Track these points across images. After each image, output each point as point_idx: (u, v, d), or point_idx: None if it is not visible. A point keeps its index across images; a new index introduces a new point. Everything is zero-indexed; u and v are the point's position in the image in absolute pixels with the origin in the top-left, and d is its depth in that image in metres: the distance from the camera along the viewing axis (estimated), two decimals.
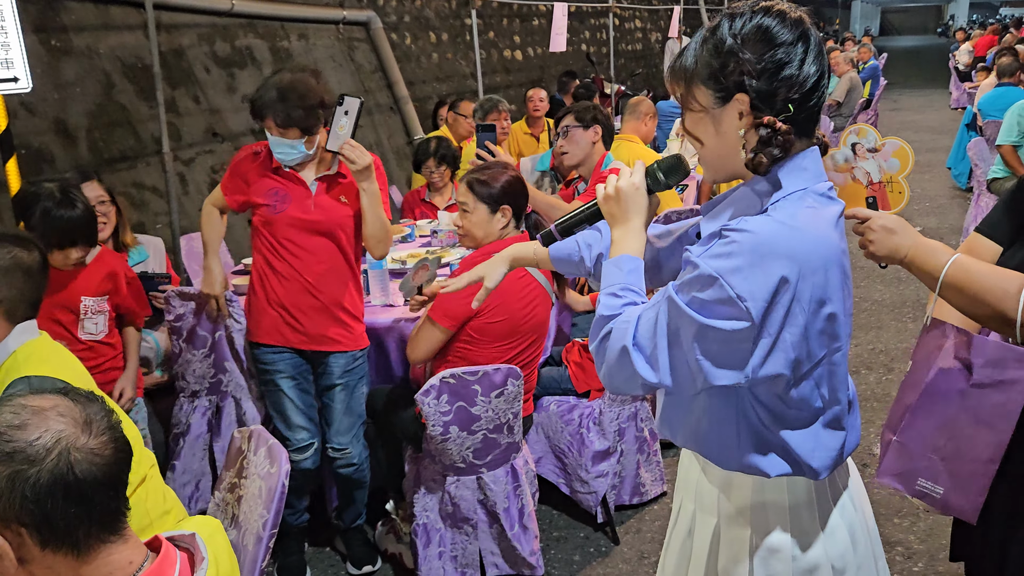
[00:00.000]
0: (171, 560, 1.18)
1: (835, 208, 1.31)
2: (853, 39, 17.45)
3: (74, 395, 1.15)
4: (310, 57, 6.83)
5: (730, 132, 1.28)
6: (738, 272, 1.20)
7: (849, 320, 1.32)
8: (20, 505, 1.04)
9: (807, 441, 1.32)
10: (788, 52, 1.24)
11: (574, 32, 10.99)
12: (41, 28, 4.62)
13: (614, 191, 1.42)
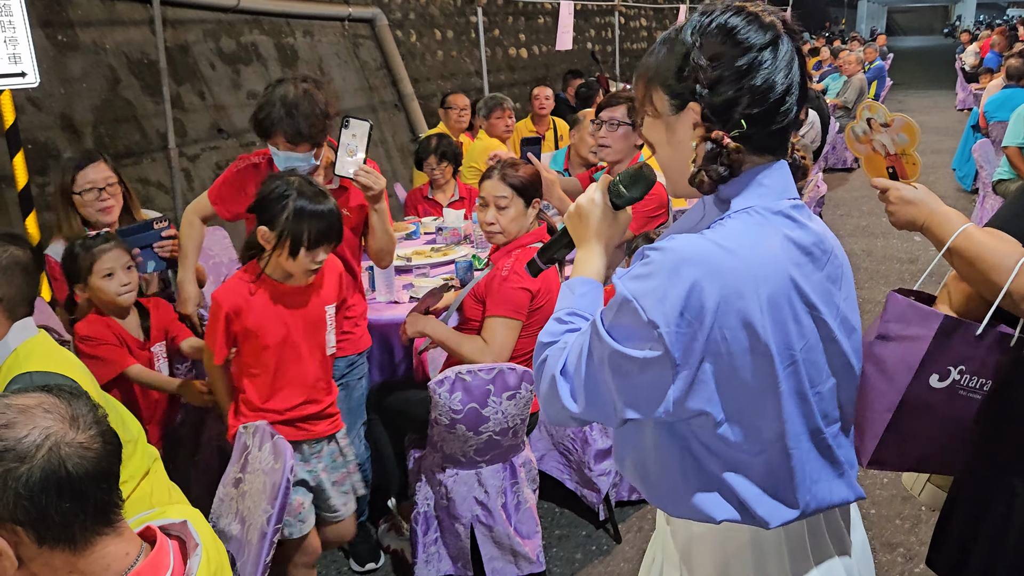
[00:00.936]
0: (165, 550, 1.19)
1: (789, 227, 1.16)
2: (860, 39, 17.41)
3: (58, 392, 1.15)
4: (315, 54, 6.84)
5: (684, 142, 1.18)
6: (652, 294, 1.10)
7: (814, 355, 1.17)
8: (15, 503, 1.04)
9: (751, 482, 1.18)
10: (750, 59, 1.12)
11: (579, 30, 10.98)
12: (48, 23, 4.63)
13: (575, 210, 1.35)
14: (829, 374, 1.21)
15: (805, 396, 1.17)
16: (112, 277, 2.49)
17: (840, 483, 1.24)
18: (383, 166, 7.31)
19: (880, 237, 6.94)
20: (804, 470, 1.19)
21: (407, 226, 4.10)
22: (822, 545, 1.26)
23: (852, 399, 1.28)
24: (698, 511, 1.20)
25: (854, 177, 9.54)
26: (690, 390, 1.11)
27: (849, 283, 1.27)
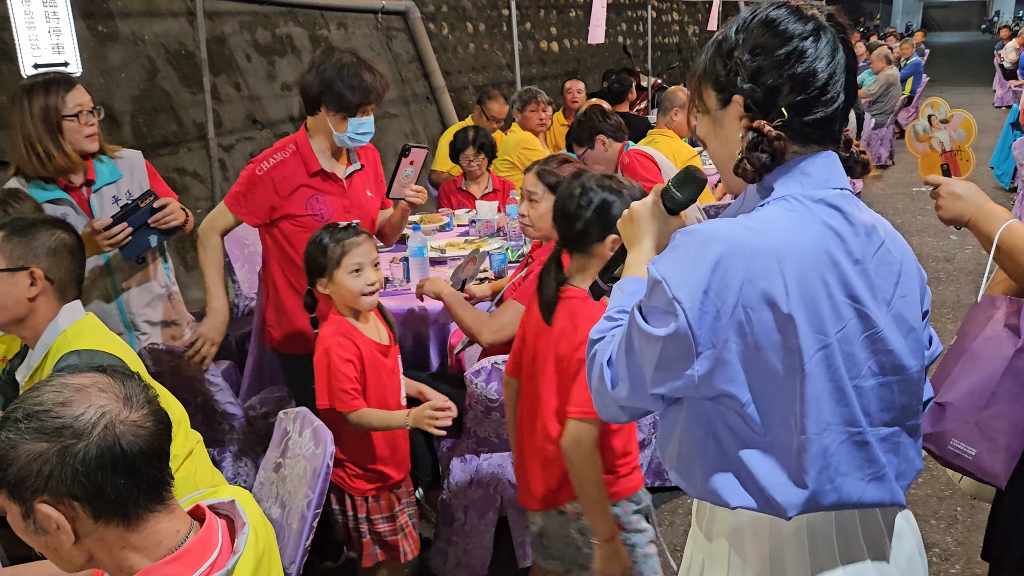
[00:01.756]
0: (215, 528, 1.21)
1: (829, 215, 1.16)
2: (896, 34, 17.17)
3: (111, 372, 1.17)
4: (348, 46, 6.88)
5: (730, 136, 1.21)
6: (679, 272, 1.12)
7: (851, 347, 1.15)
8: (72, 479, 1.07)
9: (773, 469, 1.17)
10: (790, 49, 1.15)
11: (611, 24, 10.93)
12: (89, 14, 4.70)
13: (628, 215, 1.39)
14: (874, 372, 1.18)
15: (840, 386, 1.15)
16: (360, 274, 2.23)
17: (875, 485, 1.20)
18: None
19: (915, 235, 6.85)
20: (828, 461, 1.16)
21: (441, 218, 4.11)
22: (853, 545, 1.23)
23: (913, 404, 1.24)
24: (715, 494, 1.20)
25: (888, 174, 9.43)
26: (715, 368, 1.12)
27: (911, 280, 1.23)
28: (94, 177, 2.56)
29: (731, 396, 1.14)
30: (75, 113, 2.43)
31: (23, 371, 1.92)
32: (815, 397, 1.14)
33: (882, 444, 1.21)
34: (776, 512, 1.17)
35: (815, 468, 1.15)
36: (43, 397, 1.11)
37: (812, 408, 1.14)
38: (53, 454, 1.06)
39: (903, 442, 1.24)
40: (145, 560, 1.13)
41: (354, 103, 2.49)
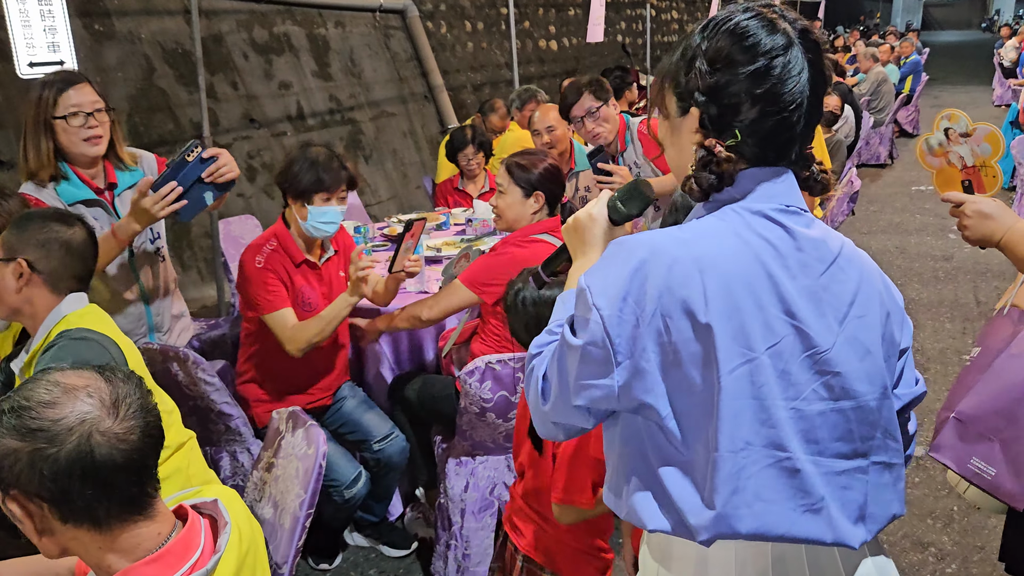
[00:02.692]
0: (196, 528, 1.19)
1: (766, 228, 1.11)
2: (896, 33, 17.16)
3: (110, 375, 1.15)
4: (346, 44, 6.87)
5: (686, 146, 1.15)
6: (601, 280, 1.09)
7: (787, 365, 1.09)
8: (39, 482, 1.06)
9: (689, 488, 1.10)
10: (747, 69, 1.08)
11: (610, 23, 10.93)
12: (85, 13, 4.70)
13: (573, 223, 1.34)
14: (821, 396, 1.10)
15: (766, 405, 1.08)
16: None
17: (810, 518, 1.10)
18: (412, 158, 7.34)
19: (913, 234, 6.84)
20: (743, 483, 1.08)
21: (437, 217, 4.11)
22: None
23: (878, 436, 1.15)
24: (635, 514, 1.14)
25: (887, 173, 9.42)
26: (633, 378, 1.08)
27: (870, 301, 1.16)
28: (115, 180, 2.50)
29: (651, 407, 1.09)
30: (66, 114, 2.31)
31: (19, 357, 1.93)
32: (733, 414, 1.07)
33: (831, 477, 1.11)
34: (688, 534, 1.10)
35: (727, 489, 1.07)
36: (33, 393, 1.10)
37: (727, 424, 1.07)
38: (24, 454, 1.06)
39: (872, 480, 1.14)
40: (124, 561, 1.12)
41: (309, 190, 2.51)
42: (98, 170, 2.46)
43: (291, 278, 2.60)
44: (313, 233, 2.58)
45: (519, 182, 2.63)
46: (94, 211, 2.45)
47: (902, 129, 11.54)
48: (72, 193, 2.39)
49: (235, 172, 2.39)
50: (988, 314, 4.98)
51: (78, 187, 2.40)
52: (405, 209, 6.72)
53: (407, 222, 2.56)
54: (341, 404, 2.77)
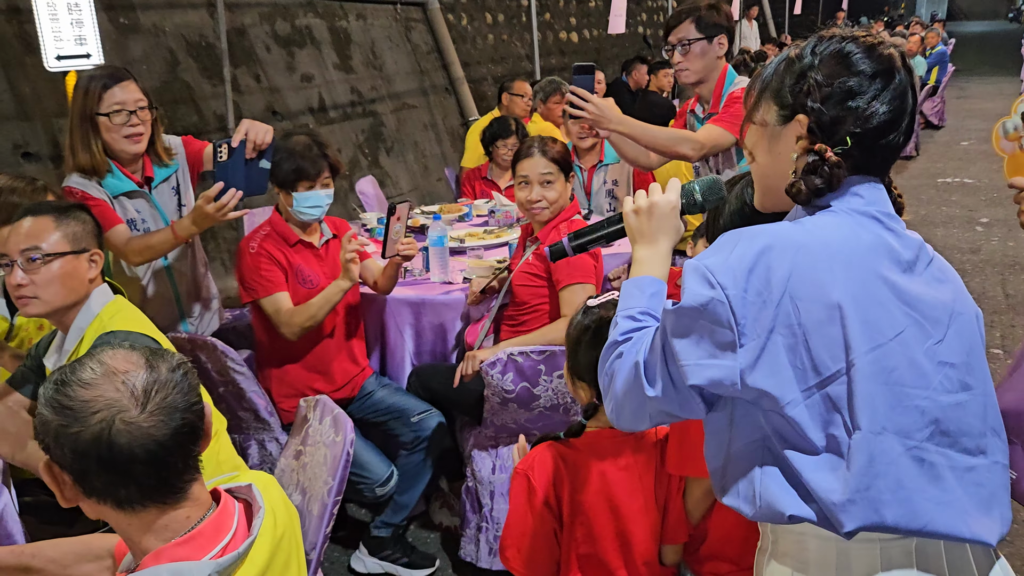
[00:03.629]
0: (230, 511, 1.20)
1: (877, 228, 1.16)
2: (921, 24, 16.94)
3: (155, 364, 1.14)
4: (367, 37, 6.88)
5: (784, 154, 1.21)
6: (723, 261, 1.10)
7: (913, 353, 1.11)
8: (62, 456, 1.10)
9: (826, 477, 1.10)
10: (861, 84, 1.16)
11: (631, 14, 10.87)
12: (110, 6, 4.73)
13: (647, 206, 1.33)
14: (947, 388, 1.12)
15: (897, 392, 1.09)
16: None
17: (948, 511, 1.10)
18: (433, 150, 7.34)
19: (940, 226, 6.76)
20: (886, 470, 1.08)
21: (460, 208, 4.11)
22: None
23: (988, 434, 1.16)
24: (770, 506, 1.12)
25: (913, 165, 9.32)
26: (758, 362, 1.08)
27: (966, 300, 1.21)
28: (152, 174, 2.57)
29: (771, 396, 1.09)
30: (110, 112, 2.36)
31: (53, 357, 1.94)
32: (868, 396, 1.08)
33: (961, 473, 1.13)
34: (831, 526, 1.09)
35: (869, 473, 1.08)
36: (81, 370, 1.12)
37: (865, 406, 1.08)
38: (53, 427, 1.09)
39: (996, 480, 1.16)
40: (154, 540, 1.13)
41: (290, 179, 2.59)
42: (138, 165, 2.52)
43: (287, 258, 2.67)
44: (301, 218, 2.66)
45: (563, 168, 2.67)
46: (136, 202, 2.53)
47: (928, 121, 11.40)
48: (116, 186, 2.46)
49: (267, 131, 2.39)
50: (1016, 307, 4.92)
51: (121, 180, 2.47)
52: (426, 200, 6.72)
53: (390, 205, 2.56)
54: (371, 394, 2.79)
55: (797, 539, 1.18)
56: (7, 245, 1.84)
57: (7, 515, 1.65)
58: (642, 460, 1.70)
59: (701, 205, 1.36)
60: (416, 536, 2.95)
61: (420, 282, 3.06)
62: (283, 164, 2.59)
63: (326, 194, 2.65)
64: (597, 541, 1.71)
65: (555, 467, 1.71)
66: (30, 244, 1.84)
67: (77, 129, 2.38)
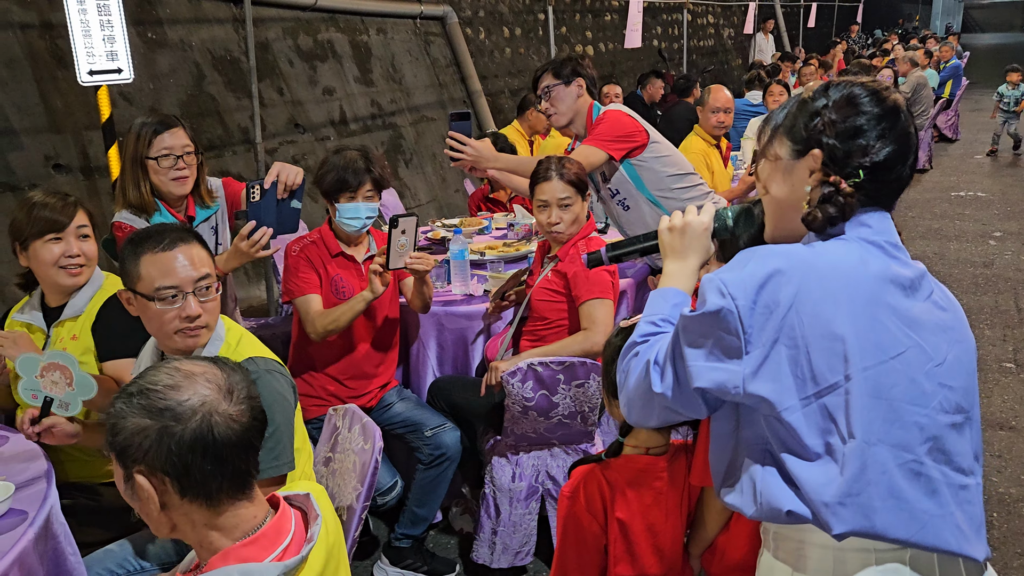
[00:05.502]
0: (288, 516, 1.28)
1: (880, 256, 1.24)
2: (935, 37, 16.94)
3: (222, 364, 1.26)
4: (388, 51, 6.99)
5: (798, 186, 1.30)
6: (736, 275, 1.20)
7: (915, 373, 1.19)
8: (165, 457, 1.17)
9: (819, 480, 1.17)
10: (869, 122, 1.26)
11: (646, 28, 10.95)
12: (139, 21, 4.85)
13: (681, 225, 1.44)
14: (945, 408, 1.21)
15: (895, 407, 1.17)
16: None
17: (941, 525, 1.18)
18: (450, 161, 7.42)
19: (953, 240, 6.78)
20: (879, 478, 1.16)
21: (480, 222, 4.18)
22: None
23: (974, 452, 1.25)
24: (770, 505, 1.20)
25: (927, 178, 9.33)
26: (760, 369, 1.17)
27: (964, 328, 1.29)
28: (194, 214, 2.70)
29: (770, 402, 1.17)
30: (158, 156, 2.52)
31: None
32: (865, 409, 1.16)
33: (956, 490, 1.21)
34: (824, 526, 1.17)
35: (862, 480, 1.16)
36: (157, 378, 1.21)
37: (861, 417, 1.16)
38: (153, 431, 1.17)
39: (979, 499, 1.25)
40: (225, 540, 1.21)
41: (332, 189, 2.71)
42: (183, 205, 2.67)
43: (325, 267, 2.77)
44: (345, 228, 2.75)
45: (580, 191, 2.74)
46: None
47: (941, 134, 11.40)
48: None
49: (298, 172, 2.57)
50: None
51: (166, 217, 2.62)
52: (444, 212, 6.81)
53: (392, 218, 2.60)
54: (390, 406, 2.85)
55: (796, 546, 1.27)
56: (175, 276, 1.76)
57: (54, 517, 1.72)
58: (677, 479, 1.78)
59: (732, 230, 1.45)
60: (436, 542, 3.02)
61: (441, 295, 3.14)
62: (327, 176, 2.71)
63: (367, 207, 2.73)
64: (637, 559, 1.79)
65: (597, 487, 1.79)
66: (203, 272, 1.80)
67: (128, 170, 2.55)
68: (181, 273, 1.76)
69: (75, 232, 2.22)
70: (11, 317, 2.36)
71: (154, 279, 1.75)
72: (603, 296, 2.63)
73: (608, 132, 3.01)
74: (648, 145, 3.06)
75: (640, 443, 1.77)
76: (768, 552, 1.35)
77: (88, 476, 2.23)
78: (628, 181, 3.06)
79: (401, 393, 2.92)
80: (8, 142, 4.00)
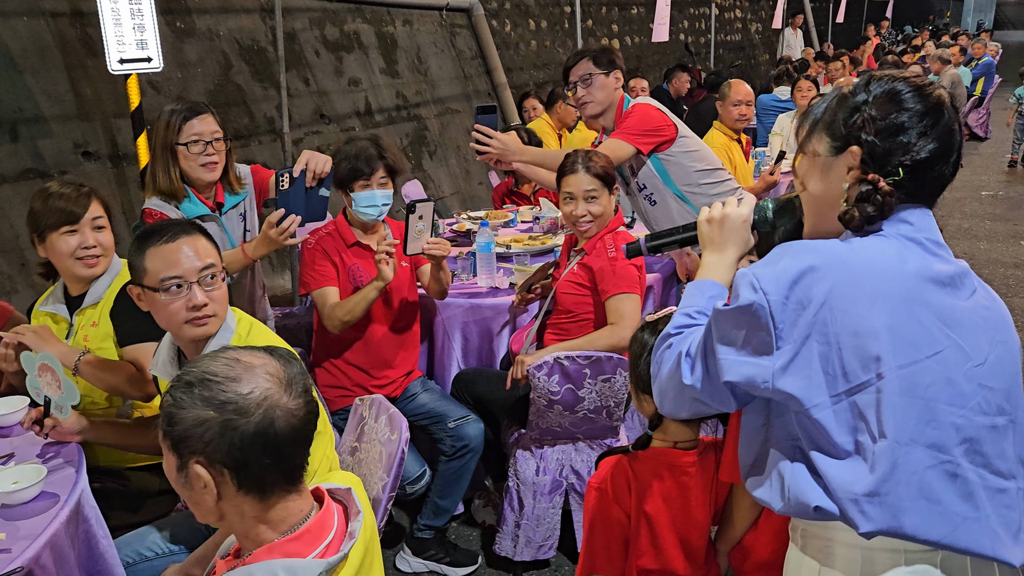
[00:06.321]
0: (331, 512, 1.28)
1: (920, 253, 1.22)
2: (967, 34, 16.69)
3: (278, 355, 1.25)
4: (413, 42, 6.99)
5: (835, 183, 1.27)
6: (769, 271, 1.19)
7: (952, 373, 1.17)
8: (227, 451, 1.15)
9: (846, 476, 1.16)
10: (911, 120, 1.23)
11: (673, 22, 10.87)
12: (168, 11, 4.87)
13: (720, 216, 1.42)
14: (984, 410, 1.18)
15: (931, 407, 1.15)
16: None
17: (975, 528, 1.15)
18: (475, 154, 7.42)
19: (983, 240, 6.69)
20: (909, 478, 1.14)
21: (505, 214, 4.17)
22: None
23: (1017, 455, 1.21)
24: (798, 500, 1.19)
25: (956, 177, 9.13)
26: (791, 365, 1.16)
27: (1009, 328, 1.26)
28: (223, 200, 2.71)
29: (799, 399, 1.16)
30: (188, 142, 2.53)
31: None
32: (899, 408, 1.14)
33: (993, 493, 1.18)
34: (850, 522, 1.15)
35: (892, 480, 1.14)
36: (216, 368, 1.19)
37: (893, 417, 1.14)
38: (216, 424, 1.15)
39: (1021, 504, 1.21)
40: (272, 533, 1.21)
41: (347, 178, 2.70)
42: (211, 191, 2.68)
43: (342, 257, 2.77)
44: (360, 217, 2.76)
45: (607, 184, 2.72)
46: (208, 225, 2.67)
47: (972, 132, 11.25)
48: (191, 209, 2.62)
49: (326, 161, 2.56)
50: None
51: (196, 204, 2.63)
52: (468, 205, 6.81)
53: (409, 203, 2.60)
54: (414, 397, 2.86)
55: (824, 543, 1.26)
56: (179, 267, 1.78)
57: (85, 499, 1.74)
58: (705, 475, 1.77)
59: (772, 223, 1.43)
60: (458, 534, 3.02)
61: (467, 287, 3.14)
62: (341, 164, 2.70)
63: (383, 194, 2.73)
64: (661, 552, 1.78)
65: (624, 479, 1.78)
66: (207, 262, 1.82)
67: (159, 157, 2.57)
68: (185, 264, 1.78)
69: (90, 223, 2.23)
70: (36, 308, 2.38)
71: (159, 271, 1.78)
72: (630, 291, 2.61)
73: (636, 126, 2.98)
74: (676, 140, 3.03)
75: (668, 437, 1.76)
76: (796, 548, 1.34)
77: (116, 461, 2.25)
78: (655, 176, 3.04)
79: (425, 384, 2.92)
80: (38, 129, 4.04)
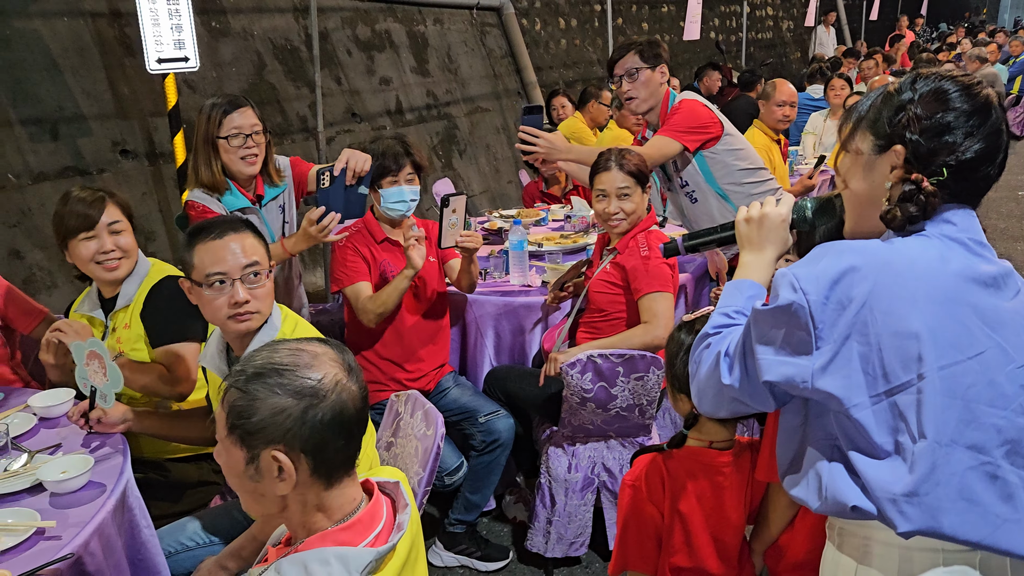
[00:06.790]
0: (380, 504, 1.29)
1: (963, 253, 1.21)
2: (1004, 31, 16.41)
3: (330, 344, 1.28)
4: (444, 41, 7.02)
5: (878, 181, 1.26)
6: (810, 271, 1.18)
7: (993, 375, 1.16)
8: (308, 436, 1.17)
9: (885, 476, 1.16)
10: (958, 119, 1.21)
11: (704, 20, 10.79)
12: (203, 11, 4.94)
13: (759, 216, 1.42)
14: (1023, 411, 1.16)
15: (972, 408, 1.14)
16: None
17: (1015, 530, 1.14)
18: (504, 153, 7.44)
19: (1020, 240, 6.58)
20: (949, 479, 1.13)
21: (537, 213, 4.18)
22: None
23: None
24: (835, 499, 1.19)
25: None
26: (830, 365, 1.15)
27: None
28: (263, 192, 2.75)
29: (838, 398, 1.16)
30: (228, 135, 2.58)
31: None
32: (939, 408, 1.14)
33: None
34: (888, 522, 1.15)
35: (931, 481, 1.13)
36: (282, 358, 1.20)
37: (934, 417, 1.13)
38: (297, 410, 1.17)
39: None
40: (326, 522, 1.22)
41: (374, 175, 2.70)
42: (252, 184, 2.73)
43: (372, 253, 2.80)
44: (389, 213, 2.78)
45: (640, 181, 2.71)
46: (250, 217, 2.72)
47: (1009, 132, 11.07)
48: (232, 202, 2.67)
49: (366, 159, 2.57)
50: None
51: (237, 197, 2.68)
52: (497, 203, 6.83)
53: (443, 197, 2.62)
54: (446, 392, 2.88)
55: (862, 542, 1.26)
56: (224, 263, 1.83)
57: (129, 489, 1.78)
58: (741, 475, 1.77)
59: (811, 222, 1.42)
60: (489, 529, 3.04)
61: (500, 285, 3.15)
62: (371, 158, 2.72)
63: (410, 190, 2.76)
64: (694, 551, 1.78)
65: (659, 477, 1.79)
66: (252, 260, 1.85)
67: (200, 150, 2.62)
68: (230, 260, 1.83)
69: (106, 228, 2.25)
70: (73, 311, 2.43)
71: (205, 266, 1.83)
72: (663, 289, 2.61)
73: (683, 123, 2.96)
74: (722, 137, 3.01)
75: (704, 436, 1.76)
76: (833, 546, 1.34)
77: (158, 452, 2.29)
78: (698, 173, 3.02)
79: (457, 380, 2.94)
80: (77, 128, 4.11)
